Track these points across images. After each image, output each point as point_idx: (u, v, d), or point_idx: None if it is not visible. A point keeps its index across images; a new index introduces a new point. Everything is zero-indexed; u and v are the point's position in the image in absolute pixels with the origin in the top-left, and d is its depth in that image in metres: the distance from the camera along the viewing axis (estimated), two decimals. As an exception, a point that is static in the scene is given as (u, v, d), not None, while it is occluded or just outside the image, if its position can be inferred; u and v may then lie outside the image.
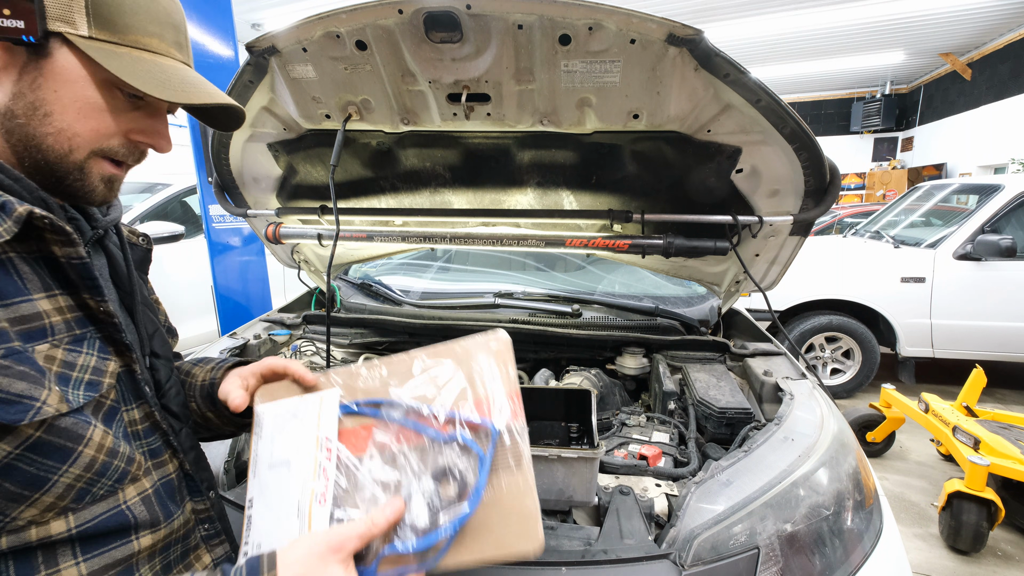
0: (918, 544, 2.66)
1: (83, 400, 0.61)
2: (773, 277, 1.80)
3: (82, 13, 0.59)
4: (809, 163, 1.37)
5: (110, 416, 0.66)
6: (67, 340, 0.62)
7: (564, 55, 1.19)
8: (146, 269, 0.90)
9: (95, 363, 0.65)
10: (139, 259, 0.87)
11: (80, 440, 0.60)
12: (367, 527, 0.64)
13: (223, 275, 3.56)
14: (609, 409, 1.66)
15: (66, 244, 0.62)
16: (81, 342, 0.64)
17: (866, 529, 1.08)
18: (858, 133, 12.51)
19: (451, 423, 0.69)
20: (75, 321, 0.64)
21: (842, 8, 7.52)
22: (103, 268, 0.77)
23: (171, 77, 0.65)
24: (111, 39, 0.61)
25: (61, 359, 0.61)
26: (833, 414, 1.31)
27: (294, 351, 1.90)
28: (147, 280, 0.92)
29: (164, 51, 0.66)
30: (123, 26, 0.62)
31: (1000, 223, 4.02)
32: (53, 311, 0.62)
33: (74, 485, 0.60)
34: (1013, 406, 4.27)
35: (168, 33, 0.66)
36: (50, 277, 0.63)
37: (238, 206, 1.88)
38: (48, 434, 0.57)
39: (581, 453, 1.04)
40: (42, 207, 0.62)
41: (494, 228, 1.81)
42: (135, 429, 0.71)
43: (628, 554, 0.92)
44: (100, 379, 0.65)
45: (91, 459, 0.61)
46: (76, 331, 0.64)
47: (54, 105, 0.61)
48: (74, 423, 0.60)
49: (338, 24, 1.18)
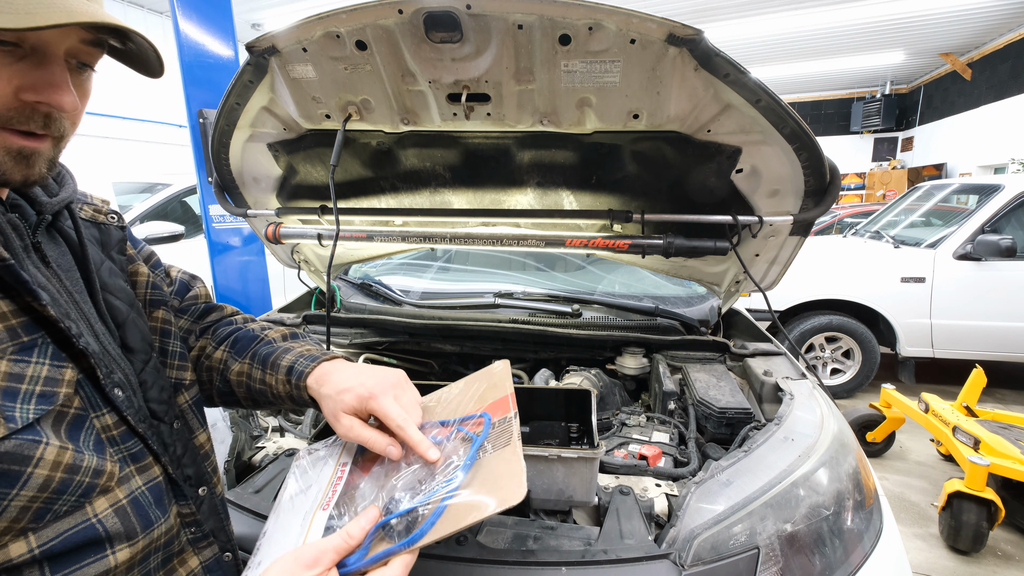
0: (918, 544, 2.66)
1: (33, 416, 0.54)
2: (773, 277, 1.80)
3: None
4: (809, 163, 1.37)
5: (76, 425, 0.59)
6: (12, 350, 0.55)
7: (564, 55, 1.19)
8: (123, 249, 0.80)
9: (47, 372, 0.57)
10: (114, 241, 0.78)
11: (28, 462, 0.53)
12: (343, 540, 0.64)
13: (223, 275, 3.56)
14: (609, 409, 1.66)
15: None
16: (31, 350, 0.57)
17: (866, 529, 1.08)
18: (858, 133, 12.52)
19: (454, 425, 0.79)
20: (21, 327, 0.57)
21: (842, 8, 7.52)
22: (62, 258, 0.69)
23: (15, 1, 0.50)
24: None
25: (5, 371, 0.54)
26: (833, 414, 1.31)
27: (294, 351, 1.90)
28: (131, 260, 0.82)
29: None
30: None
31: (1000, 223, 4.03)
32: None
33: (29, 507, 0.53)
34: (1013, 406, 4.27)
35: None
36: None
37: (238, 206, 1.88)
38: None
39: (581, 453, 1.04)
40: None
41: (494, 228, 1.81)
42: (110, 435, 0.64)
43: (628, 554, 0.92)
44: (55, 389, 0.57)
45: (45, 479, 0.54)
46: (23, 338, 0.56)
47: None
48: (17, 445, 0.53)
49: (338, 24, 1.18)
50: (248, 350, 0.91)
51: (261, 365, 0.88)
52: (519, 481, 0.69)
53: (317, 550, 0.62)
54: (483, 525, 1.05)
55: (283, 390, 0.86)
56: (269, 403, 0.91)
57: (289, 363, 0.86)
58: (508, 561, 0.91)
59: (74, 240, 0.71)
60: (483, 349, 1.96)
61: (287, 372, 0.86)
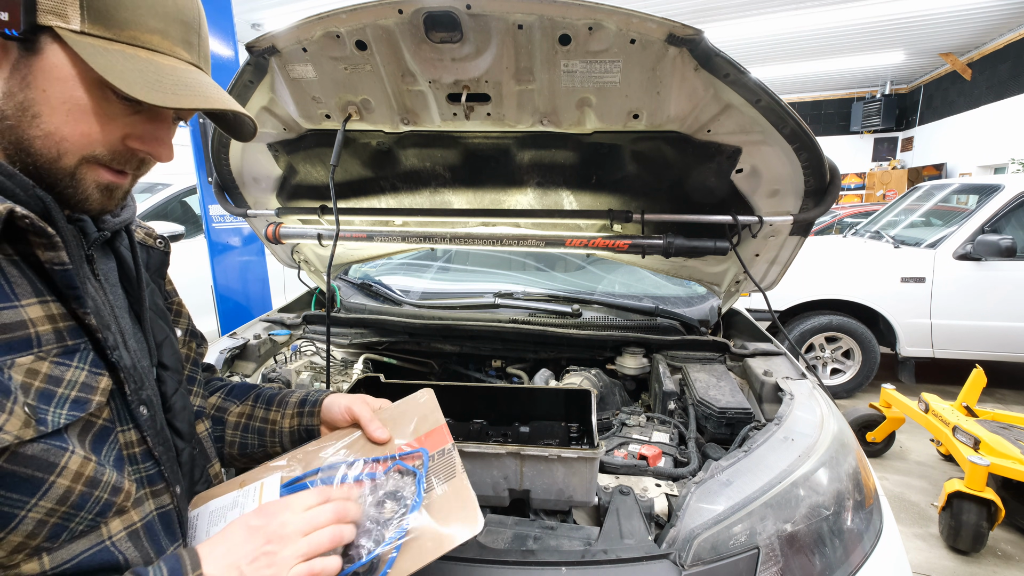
0: (918, 544, 2.66)
1: (64, 421, 0.55)
2: (773, 277, 1.80)
3: (75, 6, 0.54)
4: (809, 163, 1.37)
5: (101, 437, 0.60)
6: (56, 352, 0.56)
7: (564, 55, 1.18)
8: (163, 273, 0.86)
9: (85, 378, 0.58)
10: (156, 263, 0.83)
11: (52, 469, 0.53)
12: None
13: (223, 275, 3.56)
14: (609, 409, 1.66)
15: (48, 248, 0.56)
16: (72, 354, 0.58)
17: (866, 529, 1.08)
18: (858, 133, 12.51)
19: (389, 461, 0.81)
20: (68, 331, 0.58)
21: (842, 8, 7.52)
22: (111, 272, 0.72)
23: (165, 78, 0.57)
24: (106, 35, 0.55)
25: (46, 373, 0.55)
26: (833, 414, 1.31)
27: (294, 351, 1.90)
28: (165, 283, 0.88)
29: (167, 49, 0.59)
30: (120, 21, 0.56)
31: (1000, 223, 4.02)
32: (43, 319, 0.56)
33: (46, 521, 0.53)
34: (1013, 406, 4.26)
35: (175, 29, 0.60)
36: (43, 283, 0.57)
37: (238, 206, 1.88)
38: (12, 463, 0.50)
39: (581, 453, 1.04)
40: (38, 206, 0.57)
41: (494, 228, 1.81)
42: (131, 452, 0.64)
43: (628, 554, 0.92)
44: (89, 396, 0.58)
45: (66, 490, 0.54)
46: (68, 342, 0.58)
47: (43, 106, 0.55)
48: (44, 450, 0.53)
49: (338, 24, 1.18)
50: (250, 394, 0.97)
51: (266, 404, 0.94)
52: (474, 512, 0.71)
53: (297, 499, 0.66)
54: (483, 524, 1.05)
55: (288, 424, 0.91)
56: (258, 446, 0.93)
57: (300, 397, 0.95)
58: (508, 561, 0.91)
59: (125, 258, 0.74)
60: (483, 349, 1.96)
61: (299, 404, 0.93)
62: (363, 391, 1.35)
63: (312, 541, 0.62)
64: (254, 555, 0.59)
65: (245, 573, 0.57)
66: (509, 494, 1.10)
